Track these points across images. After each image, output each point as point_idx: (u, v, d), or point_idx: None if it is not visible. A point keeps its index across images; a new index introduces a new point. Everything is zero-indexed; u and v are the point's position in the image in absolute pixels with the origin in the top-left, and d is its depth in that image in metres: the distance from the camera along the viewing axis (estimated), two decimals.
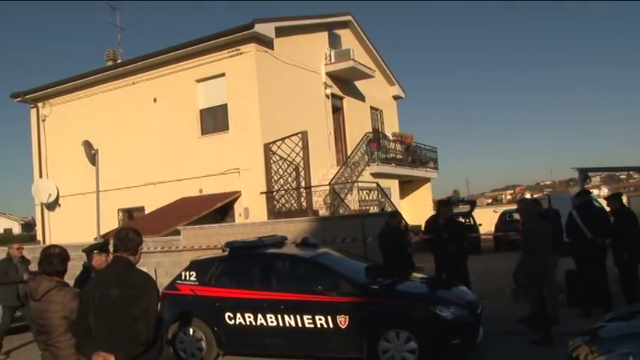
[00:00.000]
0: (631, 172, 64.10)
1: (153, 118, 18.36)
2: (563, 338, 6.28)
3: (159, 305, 3.93)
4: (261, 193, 16.30)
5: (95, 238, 14.83)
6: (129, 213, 19.28)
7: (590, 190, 12.68)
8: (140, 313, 3.63)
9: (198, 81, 17.79)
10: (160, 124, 18.20)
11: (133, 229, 4.12)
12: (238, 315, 7.88)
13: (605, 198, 10.48)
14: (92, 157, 13.69)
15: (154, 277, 11.73)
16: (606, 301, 8.75)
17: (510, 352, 7.62)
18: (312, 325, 7.44)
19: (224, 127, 17.31)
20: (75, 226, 18.35)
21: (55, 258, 4.29)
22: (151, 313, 3.69)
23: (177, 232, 13.77)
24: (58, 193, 20.53)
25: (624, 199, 10.31)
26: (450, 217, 10.03)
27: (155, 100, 18.43)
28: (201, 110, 17.90)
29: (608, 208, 9.64)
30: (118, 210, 19.11)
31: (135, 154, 18.61)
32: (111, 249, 4.32)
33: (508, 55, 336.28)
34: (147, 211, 18.11)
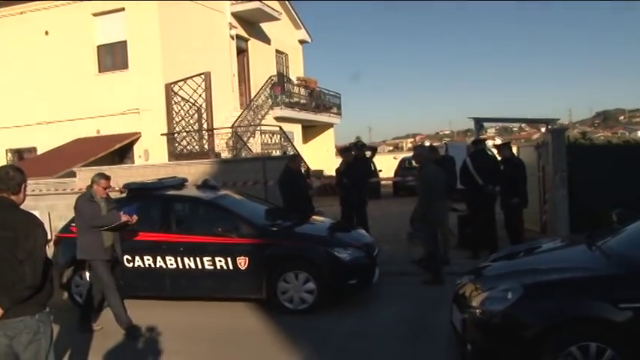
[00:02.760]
0: (522, 125, 68.27)
1: (45, 52, 17.27)
2: (452, 278, 6.62)
3: (47, 247, 3.76)
4: (162, 134, 15.94)
5: None
6: (19, 154, 18.32)
7: (484, 139, 13.23)
8: (25, 256, 3.45)
9: (95, 15, 16.88)
10: (52, 59, 17.16)
11: (13, 167, 3.86)
12: (137, 258, 7.73)
13: (496, 146, 10.97)
14: None
15: (48, 221, 11.39)
16: (493, 244, 9.27)
17: (403, 291, 7.97)
18: (212, 267, 7.44)
19: (123, 65, 16.65)
20: None
21: None
22: (36, 254, 3.51)
23: (72, 174, 13.22)
24: None
25: (514, 149, 10.87)
26: (350, 163, 10.18)
27: (47, 33, 17.32)
28: (98, 46, 17.06)
29: (499, 157, 10.13)
30: (7, 151, 18.16)
31: (25, 90, 17.49)
32: None
33: (411, 8, 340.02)
34: (39, 152, 17.32)
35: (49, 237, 4.13)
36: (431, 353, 5.66)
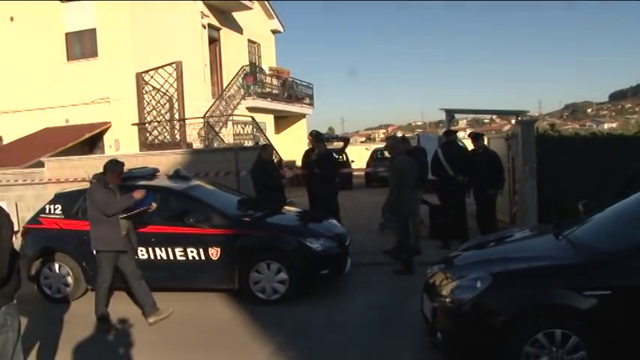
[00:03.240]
0: (493, 117, 69.58)
1: (10, 39, 16.93)
2: (423, 268, 6.68)
3: (14, 238, 3.69)
4: (133, 124, 15.77)
5: None
6: None
7: (456, 130, 13.32)
8: None
9: (64, 1, 16.54)
10: (18, 46, 16.82)
11: None
12: None
13: (470, 134, 11.00)
14: None
15: (15, 212, 11.21)
16: (464, 234, 9.38)
17: (375, 281, 8.01)
18: (183, 258, 7.40)
19: (92, 53, 16.39)
20: None
21: None
22: (2, 246, 3.45)
23: (41, 164, 13.02)
24: None
25: (485, 140, 10.98)
26: (322, 153, 10.15)
27: (12, 18, 16.96)
28: (66, 34, 16.75)
29: (472, 146, 10.20)
30: None
31: None
32: None
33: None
34: (5, 142, 17.01)
35: (15, 228, 4.02)
36: (402, 342, 5.71)
